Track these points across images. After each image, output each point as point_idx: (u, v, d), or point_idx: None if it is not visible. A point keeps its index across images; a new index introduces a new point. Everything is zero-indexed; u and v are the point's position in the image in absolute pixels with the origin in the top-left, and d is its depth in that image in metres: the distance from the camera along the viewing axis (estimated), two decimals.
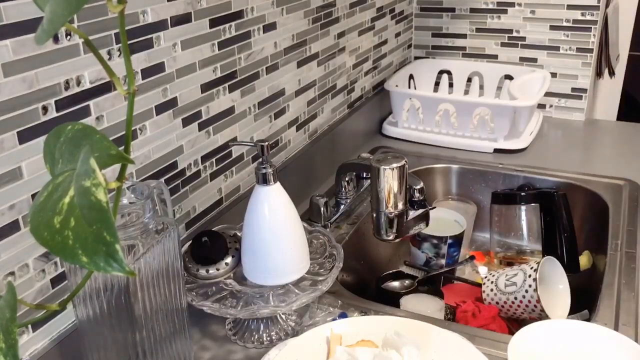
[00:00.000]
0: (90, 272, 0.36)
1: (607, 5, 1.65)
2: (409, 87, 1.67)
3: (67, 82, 0.71)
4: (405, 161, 0.97)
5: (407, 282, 1.19)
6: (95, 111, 0.76)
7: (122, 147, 0.37)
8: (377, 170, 0.96)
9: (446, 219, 1.25)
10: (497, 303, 1.08)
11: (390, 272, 1.20)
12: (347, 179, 1.24)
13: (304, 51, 1.21)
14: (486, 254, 1.35)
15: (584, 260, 1.20)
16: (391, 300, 1.07)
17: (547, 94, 1.61)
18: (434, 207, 1.04)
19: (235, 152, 1.06)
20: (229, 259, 0.87)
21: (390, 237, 1.02)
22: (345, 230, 1.17)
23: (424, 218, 1.03)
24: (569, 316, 1.06)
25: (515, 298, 1.05)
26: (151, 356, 0.70)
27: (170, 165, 0.91)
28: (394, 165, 0.95)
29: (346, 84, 1.43)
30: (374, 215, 1.00)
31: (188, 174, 0.95)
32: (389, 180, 0.96)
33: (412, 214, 1.01)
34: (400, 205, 0.98)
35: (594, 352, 0.76)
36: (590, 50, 1.59)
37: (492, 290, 1.09)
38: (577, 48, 1.60)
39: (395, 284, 1.18)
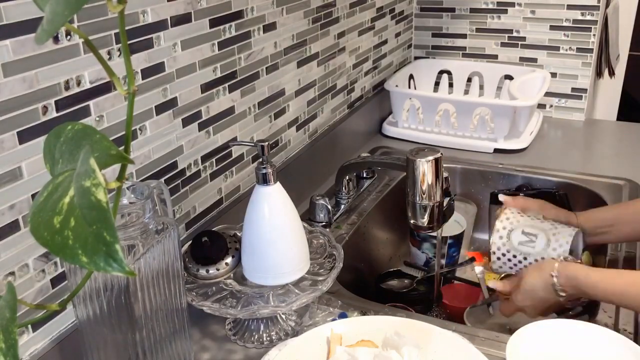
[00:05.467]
0: (90, 272, 0.36)
1: (607, 5, 1.65)
2: (409, 87, 1.67)
3: (67, 82, 0.71)
4: (441, 154, 0.99)
5: (406, 281, 1.19)
6: (95, 111, 0.76)
7: (122, 147, 0.37)
8: (413, 162, 0.98)
9: None
10: (504, 255, 1.08)
11: (390, 270, 1.20)
12: (347, 178, 1.24)
13: (304, 51, 1.21)
14: (485, 255, 1.35)
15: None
16: (390, 299, 1.08)
17: (547, 94, 1.61)
18: (455, 196, 1.05)
19: (235, 152, 1.06)
20: (229, 259, 0.87)
21: (432, 227, 1.03)
22: (345, 230, 1.17)
23: (450, 207, 1.05)
24: (569, 317, 1.06)
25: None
26: (151, 356, 0.70)
27: (170, 165, 0.91)
28: (430, 157, 0.97)
29: (346, 84, 1.43)
30: (411, 207, 1.01)
31: (188, 174, 0.94)
32: (427, 171, 0.98)
33: (445, 202, 1.03)
34: (437, 197, 1.00)
35: (594, 352, 0.76)
36: (590, 50, 1.59)
37: (503, 244, 1.09)
38: (577, 48, 1.60)
39: (395, 282, 1.18)
